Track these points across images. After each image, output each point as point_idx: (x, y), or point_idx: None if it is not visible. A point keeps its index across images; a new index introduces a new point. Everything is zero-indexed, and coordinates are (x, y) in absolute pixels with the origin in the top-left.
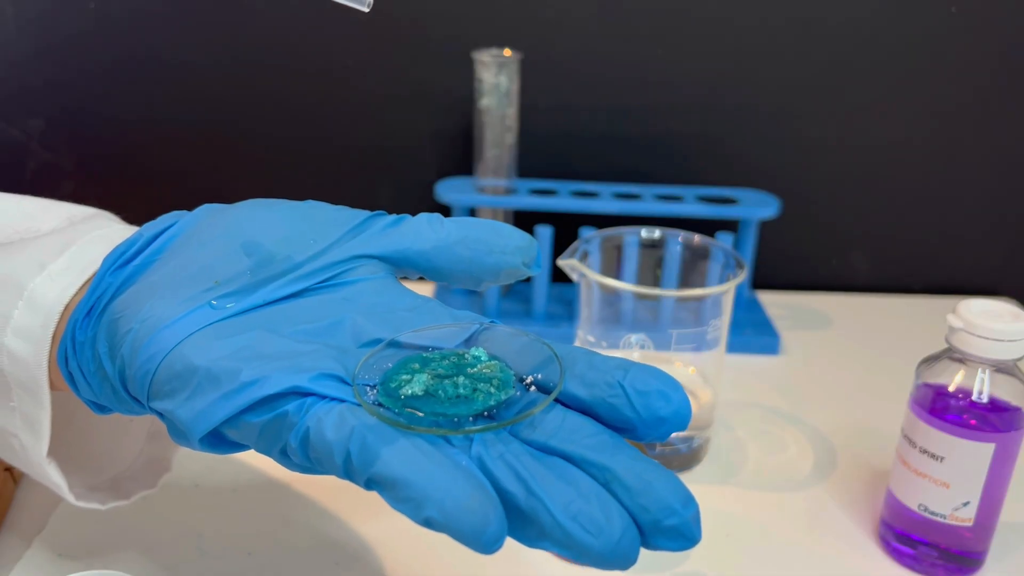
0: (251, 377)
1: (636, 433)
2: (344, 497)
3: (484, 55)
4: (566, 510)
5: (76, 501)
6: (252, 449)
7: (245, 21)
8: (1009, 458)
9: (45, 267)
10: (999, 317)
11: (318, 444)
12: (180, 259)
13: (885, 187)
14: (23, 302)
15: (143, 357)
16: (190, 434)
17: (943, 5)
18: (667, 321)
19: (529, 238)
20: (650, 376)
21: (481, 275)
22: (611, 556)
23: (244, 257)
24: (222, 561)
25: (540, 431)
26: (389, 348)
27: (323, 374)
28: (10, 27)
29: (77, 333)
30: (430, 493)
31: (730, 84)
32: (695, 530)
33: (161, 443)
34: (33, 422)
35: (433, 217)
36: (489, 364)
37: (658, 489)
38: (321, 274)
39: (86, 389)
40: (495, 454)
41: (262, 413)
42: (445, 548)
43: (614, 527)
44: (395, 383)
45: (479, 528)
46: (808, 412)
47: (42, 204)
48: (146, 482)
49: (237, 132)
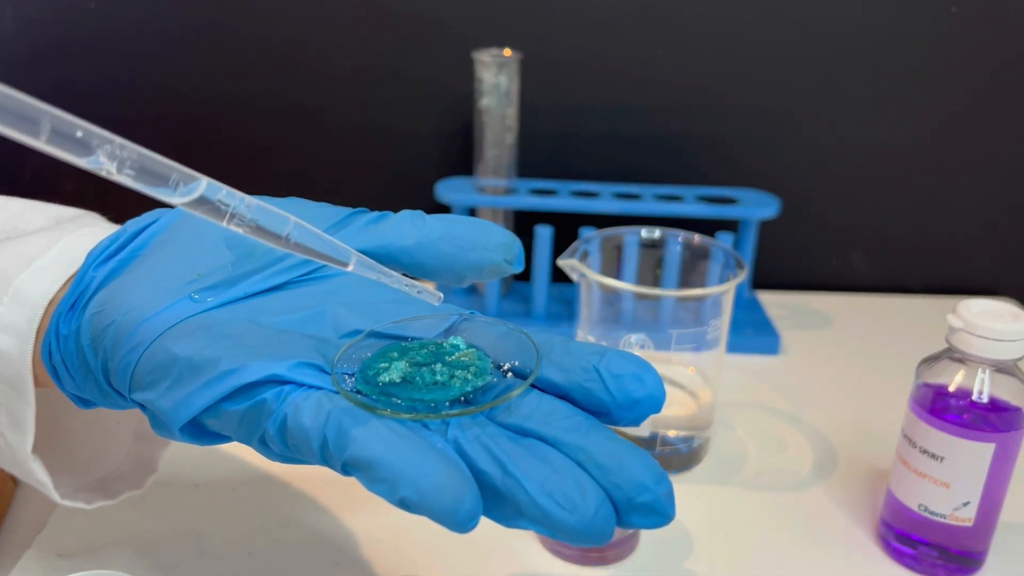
0: (230, 366)
1: (611, 416)
2: (344, 497)
3: (484, 55)
4: (541, 488)
5: (61, 500)
6: (233, 440)
7: (245, 22)
8: (1009, 458)
9: (31, 263)
10: (999, 317)
11: (295, 430)
12: (163, 253)
13: (885, 187)
14: (8, 298)
15: (125, 349)
16: (171, 424)
17: (943, 5)
18: (667, 321)
19: (511, 235)
20: (624, 360)
21: (463, 271)
22: (586, 532)
23: (226, 251)
24: (222, 561)
25: (516, 415)
26: (369, 338)
27: (302, 363)
28: (10, 27)
29: (61, 327)
30: (405, 473)
31: (730, 84)
32: (668, 507)
33: (148, 444)
34: (18, 418)
35: (415, 214)
36: (467, 352)
37: (631, 467)
38: (303, 267)
39: (70, 382)
40: (471, 436)
41: (241, 401)
42: (446, 549)
43: (589, 503)
44: (373, 371)
45: (454, 506)
46: (808, 412)
47: (28, 204)
48: (133, 482)
49: (237, 132)
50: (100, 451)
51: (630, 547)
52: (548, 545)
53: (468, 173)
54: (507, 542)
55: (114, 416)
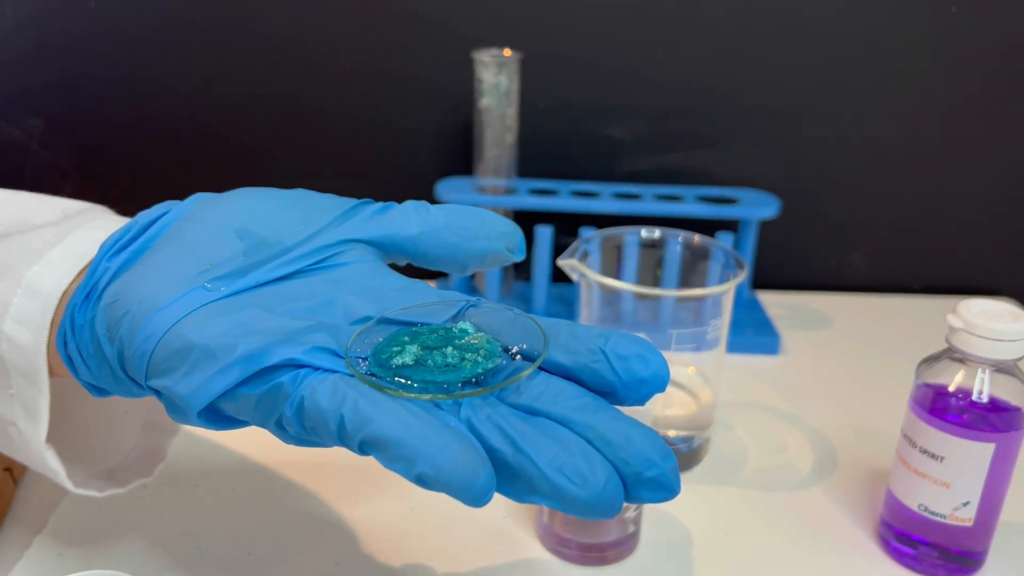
0: (247, 351)
1: (617, 396)
2: (345, 497)
3: (484, 55)
4: (552, 463)
5: (75, 488)
6: (249, 424)
7: (245, 22)
8: (1009, 458)
9: (42, 256)
10: (999, 317)
11: (312, 412)
12: (175, 244)
13: (885, 187)
14: (21, 290)
15: (141, 337)
16: (188, 408)
17: (943, 5)
18: (667, 321)
19: (513, 225)
20: (630, 342)
21: (466, 260)
22: (596, 504)
23: (237, 241)
24: (222, 561)
25: (526, 395)
26: (380, 324)
27: (317, 347)
28: (10, 27)
29: (76, 316)
30: (422, 450)
31: (730, 84)
32: (674, 481)
33: (157, 434)
34: (32, 408)
35: (419, 204)
36: (476, 336)
37: (638, 443)
38: (312, 257)
39: (85, 371)
40: (483, 416)
41: (258, 385)
42: (446, 550)
43: (598, 477)
44: (386, 354)
45: (469, 481)
46: (808, 412)
47: (38, 199)
48: (142, 471)
49: (236, 132)
50: (109, 441)
51: (630, 547)
52: (548, 545)
53: (468, 173)
54: (507, 542)
55: (123, 406)
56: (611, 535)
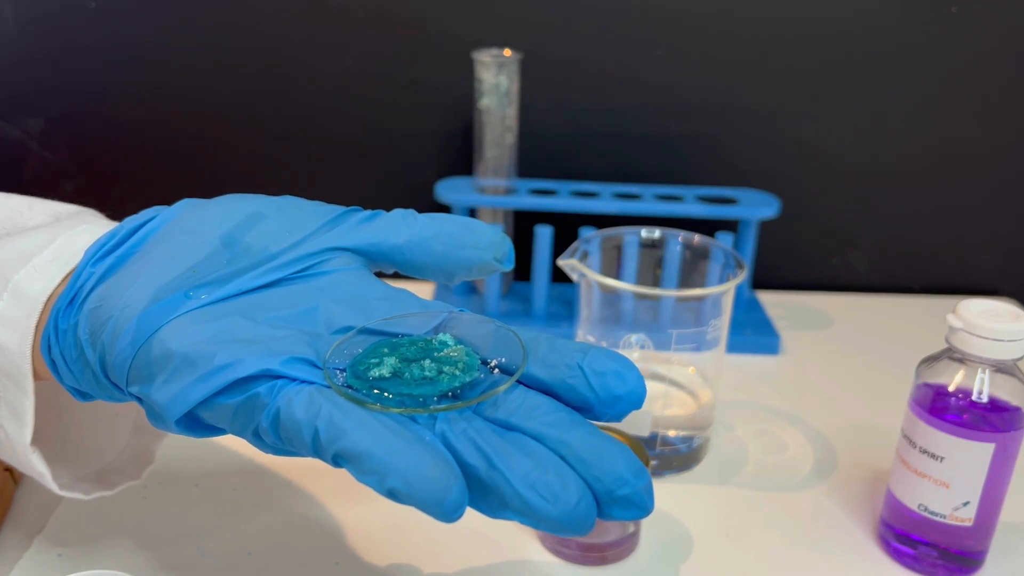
0: (225, 361)
1: (594, 412)
2: (345, 498)
3: (484, 55)
4: (524, 480)
5: (60, 491)
6: (228, 432)
7: (246, 22)
8: (1009, 458)
9: (30, 259)
10: (999, 317)
11: (288, 423)
12: (160, 250)
13: (885, 187)
14: (8, 293)
15: (123, 343)
16: (167, 416)
17: (943, 5)
18: (667, 321)
19: (501, 235)
20: (607, 358)
21: (454, 270)
22: (568, 522)
23: (222, 248)
24: (222, 561)
25: (502, 410)
26: (361, 334)
27: (294, 358)
28: (10, 27)
29: (59, 321)
30: (393, 464)
31: (730, 84)
32: (647, 500)
33: (146, 436)
34: (17, 410)
35: (407, 213)
36: (455, 348)
37: (611, 461)
38: (296, 265)
39: (68, 376)
40: (458, 430)
41: (235, 395)
42: (446, 551)
43: (570, 495)
44: (364, 366)
45: (440, 496)
46: (808, 412)
47: (28, 201)
48: (131, 474)
49: (236, 132)
50: (99, 443)
51: (630, 547)
52: (548, 544)
53: (468, 173)
54: (508, 542)
55: (113, 409)
56: (611, 535)
